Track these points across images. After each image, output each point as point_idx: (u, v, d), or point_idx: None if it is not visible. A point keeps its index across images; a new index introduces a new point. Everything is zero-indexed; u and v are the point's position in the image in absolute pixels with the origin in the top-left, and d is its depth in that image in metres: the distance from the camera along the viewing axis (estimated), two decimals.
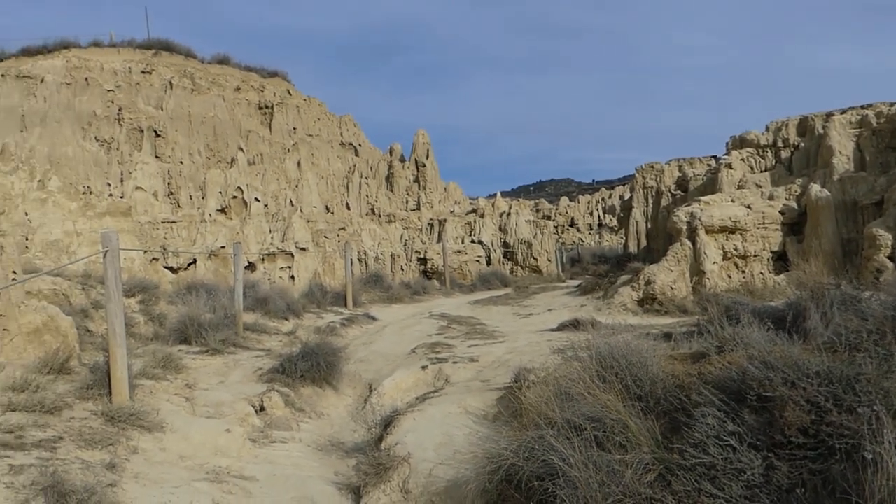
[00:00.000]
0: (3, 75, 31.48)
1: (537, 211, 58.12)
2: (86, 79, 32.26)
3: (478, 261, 25.58)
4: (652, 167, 27.50)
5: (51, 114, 30.26)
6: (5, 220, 8.05)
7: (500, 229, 27.73)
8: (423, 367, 8.00)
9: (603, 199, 64.49)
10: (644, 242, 25.01)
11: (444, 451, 5.00)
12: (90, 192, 23.45)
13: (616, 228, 51.06)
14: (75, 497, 3.87)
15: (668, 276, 12.66)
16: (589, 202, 64.46)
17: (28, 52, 33.60)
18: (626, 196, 32.95)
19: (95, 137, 30.77)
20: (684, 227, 13.13)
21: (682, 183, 20.62)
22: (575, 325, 9.70)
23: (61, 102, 30.94)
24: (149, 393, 6.54)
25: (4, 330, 6.33)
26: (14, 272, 6.92)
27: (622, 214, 29.94)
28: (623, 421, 3.64)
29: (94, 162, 29.18)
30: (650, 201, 25.51)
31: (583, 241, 52.17)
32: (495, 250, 26.56)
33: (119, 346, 5.87)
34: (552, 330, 10.19)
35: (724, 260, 12.86)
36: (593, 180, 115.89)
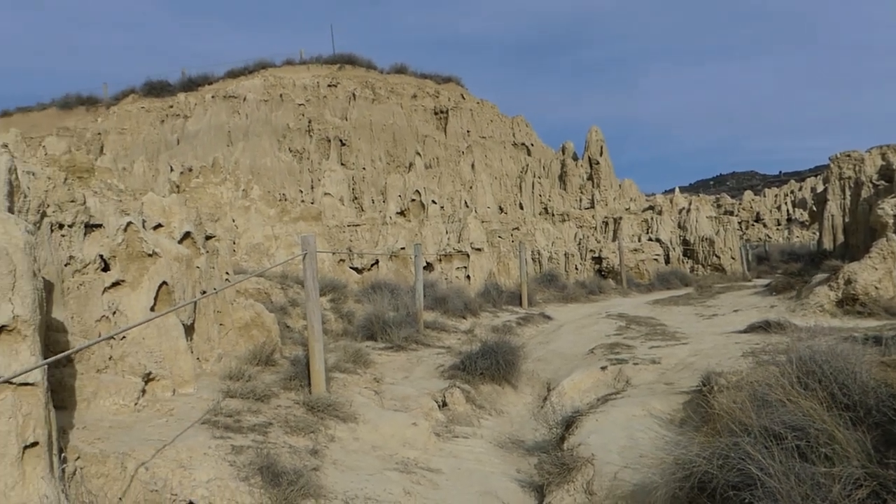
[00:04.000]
0: (213, 97, 35.17)
1: (718, 206, 55.03)
2: (280, 95, 35.18)
3: (655, 259, 24.71)
4: (849, 156, 24.98)
5: (252, 129, 33.33)
6: (218, 226, 9.03)
7: (679, 226, 26.60)
8: (603, 368, 7.88)
9: (792, 191, 59.71)
10: (841, 238, 22.83)
11: (628, 454, 4.91)
12: (285, 199, 25.50)
13: (808, 223, 46.92)
14: (286, 478, 4.26)
15: (872, 274, 11.50)
16: (776, 195, 59.94)
17: (232, 74, 37.36)
18: (819, 188, 30.23)
19: (289, 148, 33.46)
20: (891, 221, 11.89)
21: (885, 172, 18.59)
22: (765, 326, 9.14)
23: (260, 118, 33.99)
24: (342, 385, 7.00)
25: (221, 325, 7.08)
26: (227, 273, 7.71)
27: (815, 208, 27.48)
28: (829, 431, 3.39)
29: (288, 171, 31.71)
30: (847, 193, 23.20)
31: (770, 238, 48.59)
32: (674, 248, 25.52)
33: (317, 341, 6.33)
34: (740, 332, 9.63)
35: None
36: (780, 172, 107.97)
